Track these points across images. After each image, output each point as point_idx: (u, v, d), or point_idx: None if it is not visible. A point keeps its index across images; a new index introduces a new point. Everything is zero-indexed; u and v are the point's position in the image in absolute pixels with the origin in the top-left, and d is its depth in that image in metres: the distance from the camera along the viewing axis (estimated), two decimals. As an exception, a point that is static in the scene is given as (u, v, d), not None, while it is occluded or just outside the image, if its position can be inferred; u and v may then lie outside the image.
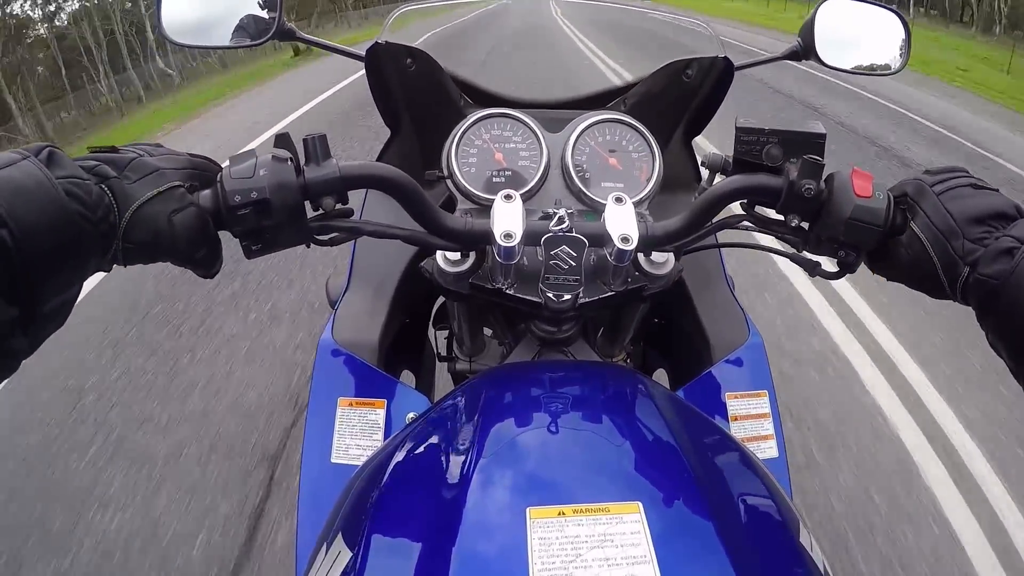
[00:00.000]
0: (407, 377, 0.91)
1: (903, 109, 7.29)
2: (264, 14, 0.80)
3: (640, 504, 0.39)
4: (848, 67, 0.86)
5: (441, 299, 0.92)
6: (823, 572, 0.42)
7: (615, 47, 10.14)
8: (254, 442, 1.85)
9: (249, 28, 0.80)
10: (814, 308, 2.65)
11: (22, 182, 0.38)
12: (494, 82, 0.84)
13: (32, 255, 0.37)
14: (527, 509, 0.39)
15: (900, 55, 0.89)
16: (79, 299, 0.43)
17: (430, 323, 0.98)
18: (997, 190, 0.50)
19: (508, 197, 0.56)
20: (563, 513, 0.38)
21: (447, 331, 0.98)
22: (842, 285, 2.81)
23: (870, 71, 0.90)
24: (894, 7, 0.90)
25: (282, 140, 0.50)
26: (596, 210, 0.67)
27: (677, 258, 0.61)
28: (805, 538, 0.43)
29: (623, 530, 0.37)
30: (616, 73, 7.99)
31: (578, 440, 0.47)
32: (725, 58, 0.75)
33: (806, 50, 0.83)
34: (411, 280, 0.78)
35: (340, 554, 0.41)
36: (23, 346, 0.39)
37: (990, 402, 2.13)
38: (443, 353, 1.01)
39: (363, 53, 0.76)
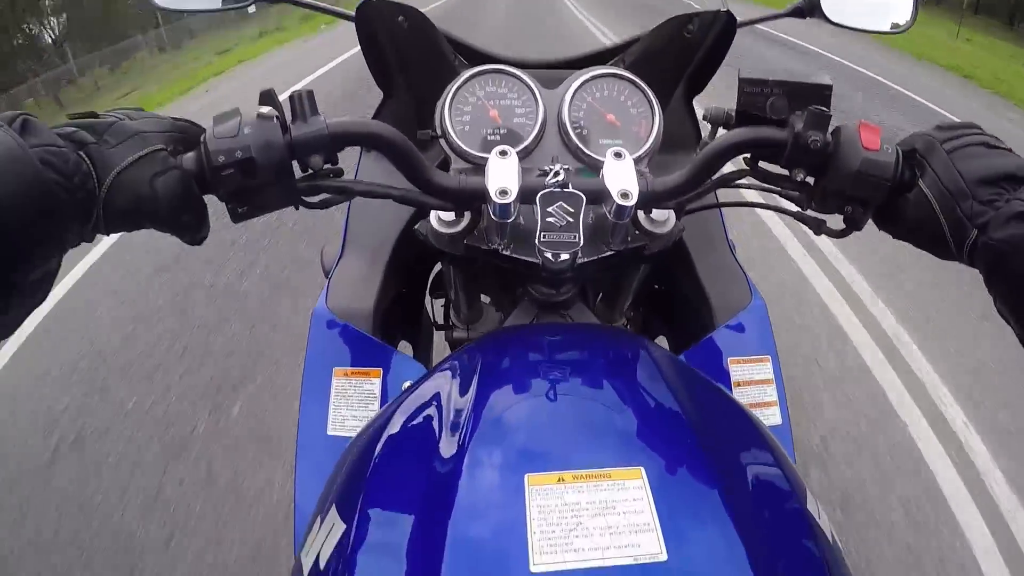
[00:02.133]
0: (404, 347, 0.90)
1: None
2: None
3: (642, 469, 0.38)
4: (853, 25, 0.84)
5: (438, 267, 0.91)
6: (830, 539, 0.41)
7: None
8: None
9: (238, -11, 0.78)
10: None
11: None
12: (491, 45, 0.82)
13: (7, 227, 0.36)
14: (525, 476, 0.38)
15: (907, 11, 0.86)
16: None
17: (427, 291, 0.97)
18: (1010, 150, 0.49)
19: (503, 153, 0.54)
20: (563, 480, 0.37)
21: (444, 299, 0.97)
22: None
23: (876, 28, 0.87)
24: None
25: (267, 97, 0.48)
26: (594, 168, 0.65)
27: (678, 217, 0.60)
28: (812, 505, 0.42)
29: (625, 496, 0.36)
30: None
31: (577, 405, 0.46)
32: (727, 12, 0.73)
33: (810, 6, 0.81)
34: (407, 246, 0.77)
35: (335, 526, 0.40)
36: (2, 323, 0.38)
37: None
38: (440, 322, 1.00)
39: (352, 13, 0.73)
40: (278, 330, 2.32)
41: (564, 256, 0.55)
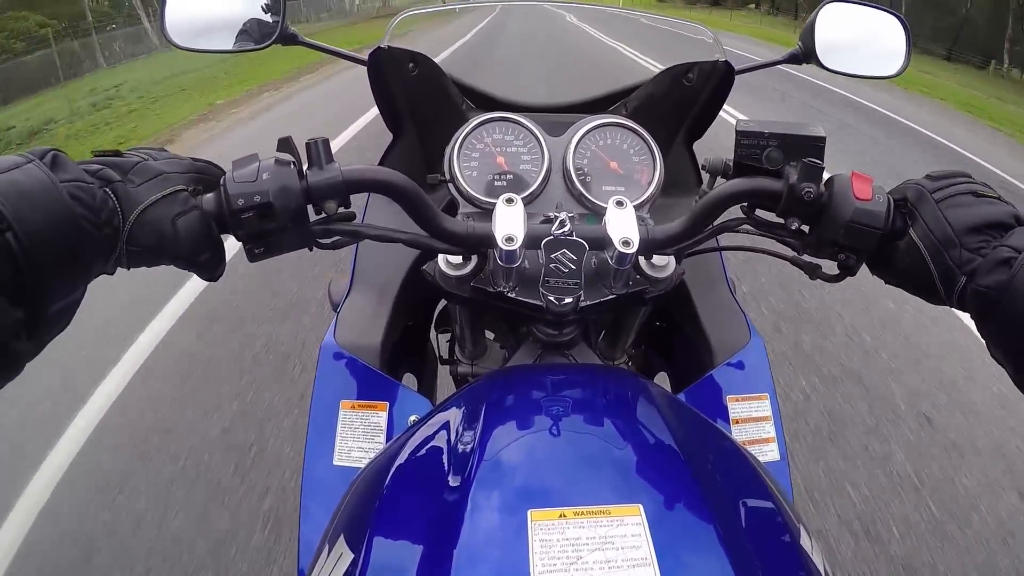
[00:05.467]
0: (409, 380, 0.92)
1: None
2: (267, 18, 0.80)
3: (641, 506, 0.39)
4: (848, 71, 0.86)
5: (443, 302, 0.92)
6: (823, 575, 0.42)
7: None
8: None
9: (253, 32, 0.81)
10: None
11: (27, 185, 0.38)
12: (497, 85, 0.85)
13: (37, 258, 0.37)
14: (528, 511, 0.39)
15: (900, 57, 0.89)
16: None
17: (432, 326, 0.98)
18: (998, 197, 0.50)
19: (510, 201, 0.56)
20: (564, 515, 0.38)
21: (449, 334, 0.98)
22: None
23: (870, 74, 0.90)
24: (895, 10, 0.90)
25: (285, 144, 0.50)
26: (597, 214, 0.67)
27: (678, 261, 0.62)
28: (805, 541, 0.43)
29: (624, 532, 0.37)
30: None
31: (579, 442, 0.47)
32: (726, 62, 0.75)
33: (806, 54, 0.83)
34: (413, 283, 0.79)
35: (342, 556, 0.41)
36: (27, 348, 0.39)
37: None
38: (445, 356, 1.01)
39: (365, 58, 0.76)
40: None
41: (567, 300, 0.56)
